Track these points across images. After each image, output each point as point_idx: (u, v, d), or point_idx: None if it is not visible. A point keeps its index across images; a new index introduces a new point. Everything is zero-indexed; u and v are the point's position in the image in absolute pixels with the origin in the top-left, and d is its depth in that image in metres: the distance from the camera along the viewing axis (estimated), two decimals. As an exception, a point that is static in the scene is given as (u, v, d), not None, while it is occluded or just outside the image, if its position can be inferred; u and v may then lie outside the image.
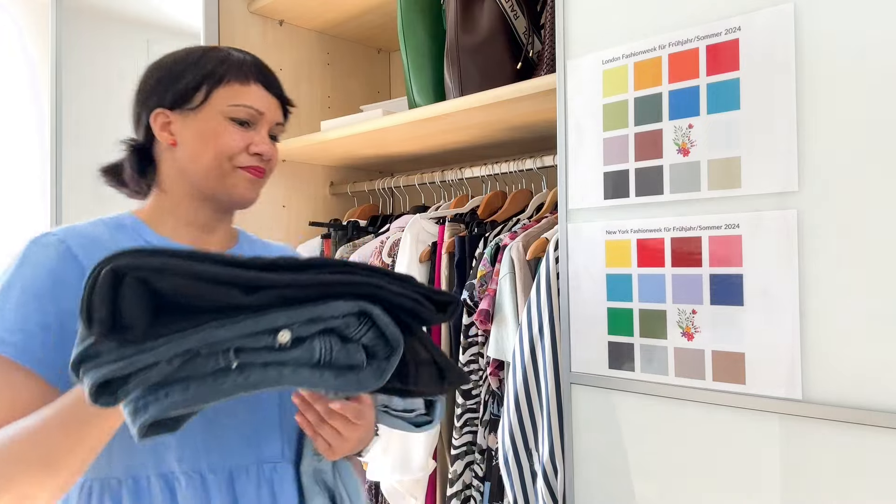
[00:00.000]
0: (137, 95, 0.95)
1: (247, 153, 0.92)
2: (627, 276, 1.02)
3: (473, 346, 1.39)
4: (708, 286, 0.94)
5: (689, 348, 0.95)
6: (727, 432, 0.92)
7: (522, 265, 1.30)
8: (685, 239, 0.96)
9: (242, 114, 0.91)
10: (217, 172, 0.91)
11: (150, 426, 0.60)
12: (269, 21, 1.87)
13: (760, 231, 0.89)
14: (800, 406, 0.86)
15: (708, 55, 0.94)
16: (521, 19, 1.37)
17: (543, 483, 1.13)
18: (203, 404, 0.60)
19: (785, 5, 0.87)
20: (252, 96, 0.92)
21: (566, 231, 1.10)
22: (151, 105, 0.92)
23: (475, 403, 1.38)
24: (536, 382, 1.17)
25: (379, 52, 2.18)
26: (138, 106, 0.95)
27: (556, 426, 1.13)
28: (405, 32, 1.50)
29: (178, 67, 0.92)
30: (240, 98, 0.91)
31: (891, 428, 0.79)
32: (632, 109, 1.01)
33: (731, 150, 0.92)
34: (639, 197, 1.01)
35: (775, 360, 0.88)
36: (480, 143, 1.68)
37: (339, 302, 0.63)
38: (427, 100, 1.48)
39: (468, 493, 1.38)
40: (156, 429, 0.61)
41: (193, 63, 0.92)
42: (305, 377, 0.63)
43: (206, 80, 0.91)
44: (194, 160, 0.91)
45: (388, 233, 1.67)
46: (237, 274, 0.61)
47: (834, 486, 0.83)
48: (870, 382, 0.81)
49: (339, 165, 2.05)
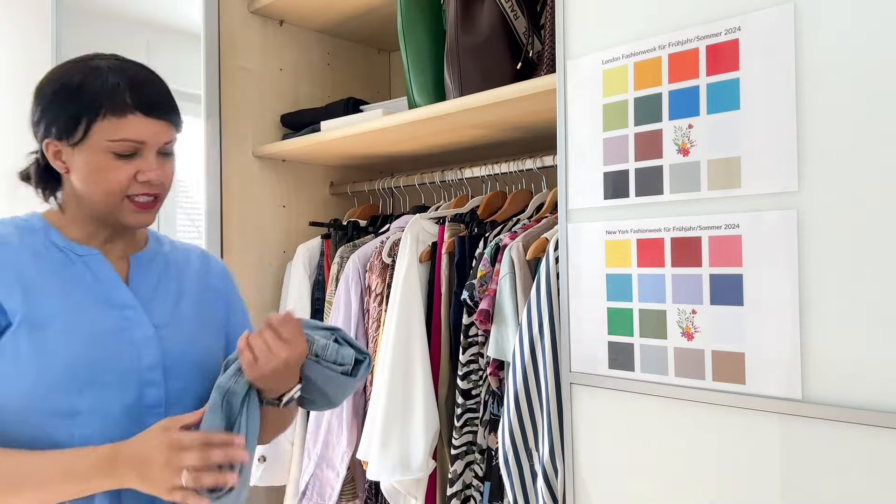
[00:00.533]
0: (31, 117, 0.95)
1: (136, 181, 0.91)
2: (627, 276, 1.02)
3: (473, 346, 1.39)
4: (708, 286, 0.94)
5: (689, 348, 0.95)
6: (727, 432, 0.92)
7: (522, 265, 1.30)
8: (685, 239, 0.96)
9: (122, 148, 0.89)
10: (106, 205, 0.92)
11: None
12: (269, 21, 1.87)
13: (760, 231, 0.89)
14: (800, 406, 0.86)
15: (708, 55, 0.94)
16: (521, 19, 1.37)
17: (543, 483, 1.13)
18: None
19: (785, 5, 0.87)
20: (130, 129, 0.89)
21: (566, 231, 1.10)
22: (41, 134, 0.93)
23: (475, 403, 1.38)
24: (536, 382, 1.17)
25: (379, 52, 2.18)
26: (33, 127, 0.95)
27: (556, 426, 1.13)
28: (405, 32, 1.50)
29: (59, 98, 0.91)
30: (117, 132, 0.88)
31: (891, 428, 0.79)
32: (632, 109, 1.01)
33: (731, 150, 0.92)
34: (639, 197, 1.01)
35: (775, 360, 0.88)
36: (480, 143, 1.68)
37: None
38: (427, 100, 1.48)
39: (468, 493, 1.38)
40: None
41: (71, 93, 0.90)
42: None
43: (83, 114, 0.89)
44: (85, 191, 0.92)
45: (388, 233, 1.67)
46: None
47: (834, 486, 0.83)
48: (870, 382, 0.81)
49: (339, 165, 2.05)
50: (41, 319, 0.87)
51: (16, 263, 0.89)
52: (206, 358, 1.00)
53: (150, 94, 0.92)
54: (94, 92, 0.89)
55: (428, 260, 1.55)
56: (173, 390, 0.94)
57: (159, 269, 1.02)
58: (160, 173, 0.92)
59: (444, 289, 1.51)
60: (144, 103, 0.90)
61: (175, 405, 0.94)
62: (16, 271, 0.89)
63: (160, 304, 0.98)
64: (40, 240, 0.94)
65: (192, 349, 0.98)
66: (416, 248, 1.54)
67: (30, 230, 0.94)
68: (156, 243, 1.05)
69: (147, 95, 0.91)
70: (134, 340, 0.92)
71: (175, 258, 1.06)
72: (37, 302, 0.88)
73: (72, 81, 0.90)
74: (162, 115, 0.92)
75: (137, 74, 0.92)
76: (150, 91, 0.92)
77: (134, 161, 0.91)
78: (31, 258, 0.91)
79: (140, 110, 0.90)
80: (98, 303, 0.92)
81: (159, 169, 0.92)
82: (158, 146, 0.92)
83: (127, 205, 0.92)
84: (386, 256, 1.60)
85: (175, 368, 0.95)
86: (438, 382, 1.48)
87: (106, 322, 0.91)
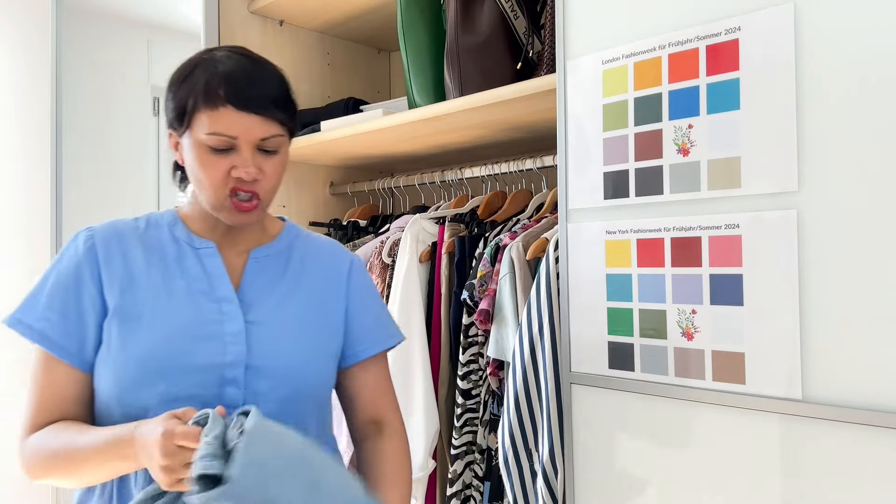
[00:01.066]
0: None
1: (231, 177, 0.88)
2: (627, 276, 1.02)
3: (473, 346, 1.39)
4: (708, 286, 0.94)
5: (689, 348, 0.95)
6: (727, 432, 0.92)
7: (522, 265, 1.30)
8: (685, 239, 0.96)
9: (215, 142, 0.87)
10: (209, 200, 0.91)
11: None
12: (269, 21, 1.87)
13: (760, 231, 0.89)
14: (800, 406, 0.86)
15: (708, 55, 0.94)
16: (521, 19, 1.37)
17: (543, 483, 1.13)
18: None
19: (785, 5, 0.87)
20: (223, 122, 0.86)
21: (566, 231, 1.10)
22: (167, 122, 0.93)
23: (475, 403, 1.38)
24: (536, 382, 1.17)
25: (379, 52, 2.18)
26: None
27: (556, 426, 1.13)
28: (405, 32, 1.50)
29: (172, 87, 0.91)
30: (210, 126, 0.86)
31: (891, 428, 0.79)
32: (632, 109, 1.01)
33: (731, 150, 0.92)
34: (639, 197, 1.01)
35: (775, 360, 0.88)
36: (480, 143, 1.68)
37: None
38: (427, 100, 1.48)
39: (468, 493, 1.38)
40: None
41: (181, 82, 0.90)
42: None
43: (185, 104, 0.88)
44: (194, 184, 0.92)
45: (388, 233, 1.67)
46: None
47: (834, 486, 0.83)
48: (870, 382, 0.81)
49: (339, 165, 2.05)
50: (132, 313, 0.89)
51: (124, 257, 0.92)
52: (299, 361, 0.94)
53: (245, 86, 0.87)
54: (194, 82, 0.88)
55: (428, 260, 1.55)
56: (255, 391, 0.89)
57: (278, 265, 0.99)
58: (254, 170, 0.88)
59: (444, 289, 1.51)
60: (236, 96, 0.86)
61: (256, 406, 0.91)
62: (122, 265, 0.91)
63: (263, 302, 0.94)
64: (164, 234, 0.96)
65: (284, 351, 0.93)
66: (416, 248, 1.54)
67: (156, 225, 0.97)
68: (286, 237, 1.02)
69: (241, 88, 0.87)
70: (222, 335, 0.89)
71: (303, 254, 1.02)
72: (133, 296, 0.89)
73: (185, 70, 0.90)
74: (257, 109, 0.87)
75: (237, 66, 0.88)
76: (245, 84, 0.87)
77: (230, 156, 0.87)
78: (141, 252, 0.93)
79: (231, 103, 0.86)
80: (198, 294, 0.91)
81: (254, 166, 0.88)
82: (253, 142, 0.88)
83: (228, 204, 0.90)
84: (386, 256, 1.60)
85: (261, 368, 0.90)
86: (438, 382, 1.48)
87: (201, 314, 0.90)
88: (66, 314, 0.89)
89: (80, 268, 0.90)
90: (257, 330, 0.91)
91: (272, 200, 0.95)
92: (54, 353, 0.88)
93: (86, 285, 0.90)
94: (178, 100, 0.89)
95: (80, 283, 0.90)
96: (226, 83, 0.86)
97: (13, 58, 2.48)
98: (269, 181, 0.91)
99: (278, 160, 0.92)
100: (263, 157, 0.90)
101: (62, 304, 0.89)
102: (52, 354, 0.88)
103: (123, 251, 0.92)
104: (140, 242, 0.94)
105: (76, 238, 0.93)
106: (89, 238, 0.92)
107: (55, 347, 0.88)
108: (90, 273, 0.90)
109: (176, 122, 0.90)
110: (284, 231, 1.03)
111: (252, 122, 0.87)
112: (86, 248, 0.91)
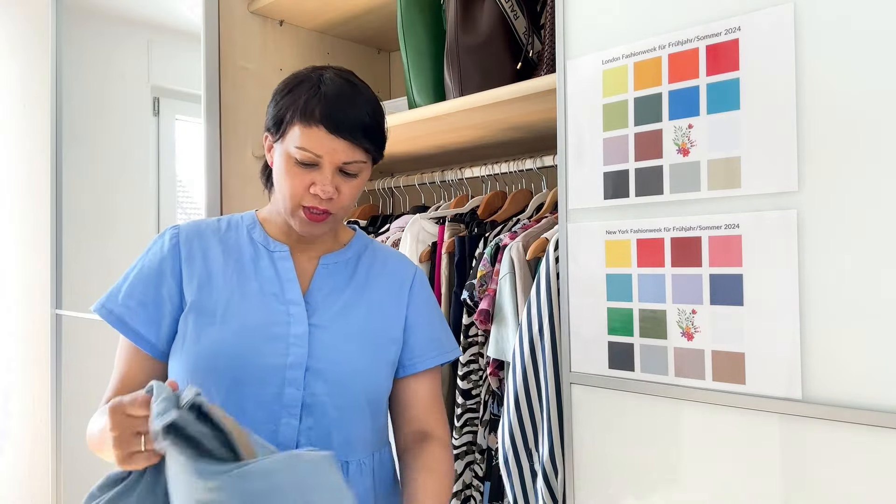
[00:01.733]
0: None
1: (309, 193, 0.93)
2: (627, 276, 1.02)
3: (473, 346, 1.39)
4: (708, 286, 0.94)
5: (689, 348, 0.95)
6: (727, 432, 0.92)
7: (522, 265, 1.30)
8: (685, 239, 0.96)
9: (301, 157, 0.92)
10: (285, 207, 0.96)
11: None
12: (269, 21, 1.87)
13: (760, 231, 0.89)
14: (800, 406, 0.86)
15: (708, 55, 0.94)
16: (521, 19, 1.37)
17: (543, 483, 1.13)
18: None
19: (785, 5, 0.87)
20: (312, 140, 0.91)
21: (566, 231, 1.10)
22: (265, 126, 0.99)
23: (475, 403, 1.38)
24: (536, 382, 1.17)
25: (379, 52, 2.18)
26: None
27: (556, 426, 1.13)
28: (405, 32, 1.50)
29: (277, 95, 0.97)
30: (301, 141, 0.91)
31: (891, 428, 0.79)
32: (632, 109, 1.01)
33: (731, 150, 0.92)
34: (639, 197, 1.01)
35: (775, 360, 0.88)
36: (480, 143, 1.68)
37: None
38: (427, 100, 1.48)
39: (468, 493, 1.38)
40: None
41: (283, 94, 0.95)
42: None
43: (284, 116, 0.93)
44: (276, 189, 0.98)
45: (388, 233, 1.67)
46: None
47: (834, 486, 0.83)
48: (870, 382, 0.81)
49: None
50: (208, 309, 0.93)
51: (204, 254, 0.98)
52: (357, 367, 0.97)
53: (340, 111, 0.92)
54: (297, 96, 0.93)
55: (428, 260, 1.55)
56: (313, 393, 0.92)
57: (346, 272, 1.03)
58: (332, 190, 0.92)
59: (444, 289, 1.51)
60: (330, 118, 0.91)
61: (313, 408, 0.92)
62: (202, 262, 0.97)
63: (328, 308, 0.98)
64: (242, 235, 1.02)
65: (344, 357, 0.96)
66: (416, 247, 1.54)
67: (236, 226, 1.03)
68: (356, 246, 1.07)
69: (335, 112, 0.91)
70: (287, 336, 0.93)
71: (370, 263, 1.06)
72: (210, 293, 0.95)
73: (291, 82, 0.96)
74: (346, 134, 0.91)
75: (338, 90, 0.93)
76: (341, 108, 0.92)
77: (312, 172, 0.92)
78: (221, 252, 0.99)
79: (324, 124, 0.91)
80: (269, 296, 0.96)
81: (332, 185, 0.93)
82: (336, 164, 0.93)
83: (301, 213, 0.94)
84: (386, 256, 1.60)
85: (320, 372, 0.93)
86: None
87: (270, 315, 0.94)
88: (145, 303, 0.95)
89: (164, 263, 0.97)
90: (320, 334, 0.95)
91: (344, 218, 1.01)
92: (130, 338, 0.94)
93: (166, 279, 0.96)
94: (278, 109, 0.94)
95: (161, 277, 0.96)
96: (323, 104, 0.91)
97: (13, 58, 2.48)
98: (342, 200, 0.96)
99: (356, 183, 0.97)
100: (343, 178, 0.95)
101: (142, 293, 0.95)
102: (130, 342, 0.94)
103: (204, 249, 0.98)
104: (220, 242, 1.00)
105: (163, 235, 1.00)
106: (174, 236, 0.99)
107: (131, 333, 0.94)
108: (171, 268, 0.96)
109: (273, 129, 0.96)
110: (355, 239, 1.08)
111: (339, 145, 0.92)
112: (171, 244, 0.98)
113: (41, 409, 2.40)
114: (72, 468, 2.31)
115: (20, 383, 2.47)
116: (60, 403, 2.32)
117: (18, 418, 2.47)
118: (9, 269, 2.51)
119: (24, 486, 2.45)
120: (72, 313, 2.27)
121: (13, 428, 2.48)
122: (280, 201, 0.96)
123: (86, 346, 2.30)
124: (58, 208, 2.34)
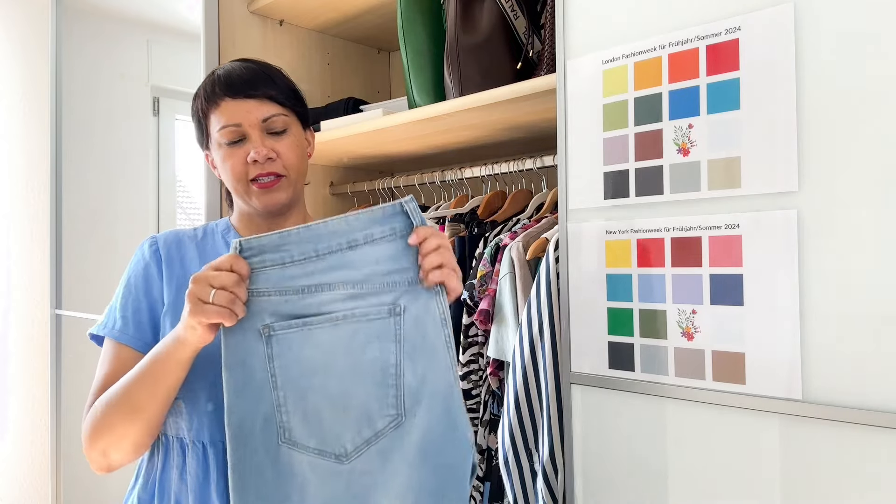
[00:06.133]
0: None
1: (249, 165, 0.96)
2: (627, 276, 1.02)
3: (473, 346, 1.39)
4: (708, 286, 0.94)
5: (689, 348, 0.95)
6: (727, 432, 0.92)
7: (522, 265, 1.30)
8: (685, 239, 0.96)
9: (226, 135, 0.95)
10: (237, 193, 0.99)
11: None
12: (269, 21, 1.87)
13: (760, 231, 0.89)
14: (800, 406, 0.86)
15: (708, 55, 0.94)
16: (521, 19, 1.36)
17: (543, 483, 1.13)
18: None
19: (785, 5, 0.87)
20: (225, 114, 0.95)
21: (566, 231, 1.10)
22: (198, 145, 1.05)
23: (475, 403, 1.38)
24: (536, 382, 1.17)
25: (379, 52, 2.18)
26: None
27: (556, 426, 1.13)
28: (405, 32, 1.50)
29: (192, 110, 1.03)
30: (218, 121, 0.96)
31: (891, 428, 0.79)
32: (632, 109, 1.01)
33: (731, 150, 0.92)
34: (639, 197, 1.01)
35: (775, 360, 0.88)
36: (480, 143, 1.68)
37: None
38: (427, 100, 1.48)
39: (468, 493, 1.38)
40: None
41: (192, 102, 1.01)
42: None
43: (199, 116, 0.99)
44: (226, 180, 1.01)
45: (388, 233, 1.67)
46: None
47: (834, 486, 0.83)
48: (870, 382, 0.81)
49: (338, 165, 2.05)
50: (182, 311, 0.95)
51: (181, 260, 1.01)
52: None
53: (235, 78, 0.96)
54: (199, 92, 0.99)
55: (428, 260, 1.55)
56: None
57: None
58: (265, 150, 0.95)
59: (444, 289, 1.51)
60: (230, 87, 0.95)
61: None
62: (180, 266, 1.00)
63: None
64: (218, 240, 1.05)
65: None
66: (416, 248, 1.53)
67: (212, 233, 1.06)
68: None
69: (231, 80, 0.96)
70: None
71: None
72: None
73: (196, 93, 1.01)
74: (249, 92, 0.95)
75: (231, 67, 0.99)
76: (236, 76, 0.96)
77: (244, 146, 0.96)
78: (197, 257, 1.02)
79: (227, 94, 0.95)
80: None
81: (264, 147, 0.95)
82: (257, 124, 0.95)
83: (252, 189, 0.97)
84: (386, 256, 1.60)
85: None
86: (438, 382, 1.47)
87: None
88: (139, 308, 0.98)
89: (148, 268, 1.00)
90: None
91: (300, 181, 1.02)
92: (131, 344, 0.96)
93: (154, 281, 0.99)
94: (193, 114, 1.00)
95: (149, 281, 0.99)
96: (219, 81, 0.97)
97: (13, 58, 2.48)
98: (285, 159, 0.98)
99: (291, 140, 0.99)
100: (274, 138, 0.97)
101: (135, 300, 0.98)
102: (116, 342, 0.96)
103: (181, 255, 1.02)
104: (196, 248, 1.03)
105: (142, 245, 1.03)
106: (154, 243, 1.03)
107: (125, 337, 0.96)
108: (157, 271, 1.00)
109: (200, 138, 1.00)
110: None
111: (249, 105, 0.95)
112: (151, 251, 1.01)
113: (41, 409, 2.40)
114: (72, 468, 2.31)
115: (20, 383, 2.47)
116: (60, 403, 2.32)
117: (18, 418, 2.47)
118: (9, 269, 2.50)
119: (24, 485, 2.45)
120: (71, 313, 2.27)
121: (13, 428, 2.48)
122: (233, 189, 0.99)
123: (86, 345, 2.30)
124: (58, 208, 2.34)
